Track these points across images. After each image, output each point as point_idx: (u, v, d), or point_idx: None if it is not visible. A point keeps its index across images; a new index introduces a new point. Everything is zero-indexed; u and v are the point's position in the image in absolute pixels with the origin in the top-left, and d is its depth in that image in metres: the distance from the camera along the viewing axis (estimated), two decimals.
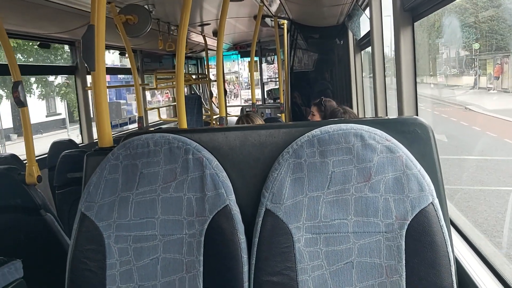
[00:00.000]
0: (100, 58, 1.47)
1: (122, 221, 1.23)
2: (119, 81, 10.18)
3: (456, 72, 3.74)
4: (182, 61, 2.26)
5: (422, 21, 2.07)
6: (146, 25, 3.80)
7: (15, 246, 2.33)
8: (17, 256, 2.09)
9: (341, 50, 5.70)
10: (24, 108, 2.45)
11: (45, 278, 2.21)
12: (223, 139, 1.29)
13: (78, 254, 1.23)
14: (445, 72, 4.10)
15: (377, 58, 2.84)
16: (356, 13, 4.47)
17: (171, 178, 1.23)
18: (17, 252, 2.17)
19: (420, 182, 1.12)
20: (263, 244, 1.17)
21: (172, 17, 4.97)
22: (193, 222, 1.21)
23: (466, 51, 3.15)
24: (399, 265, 1.11)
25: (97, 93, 1.49)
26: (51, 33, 4.18)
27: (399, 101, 2.12)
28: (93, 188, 1.26)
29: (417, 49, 2.05)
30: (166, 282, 1.22)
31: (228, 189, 1.22)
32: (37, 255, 2.30)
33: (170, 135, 1.27)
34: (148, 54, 6.84)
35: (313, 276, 1.15)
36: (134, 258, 1.23)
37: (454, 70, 3.80)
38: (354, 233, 1.15)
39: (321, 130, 1.18)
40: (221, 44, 3.26)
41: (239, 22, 5.83)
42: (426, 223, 1.11)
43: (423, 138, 1.20)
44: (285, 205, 1.16)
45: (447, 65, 4.02)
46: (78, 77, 4.84)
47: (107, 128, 1.52)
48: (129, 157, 1.26)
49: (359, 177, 1.14)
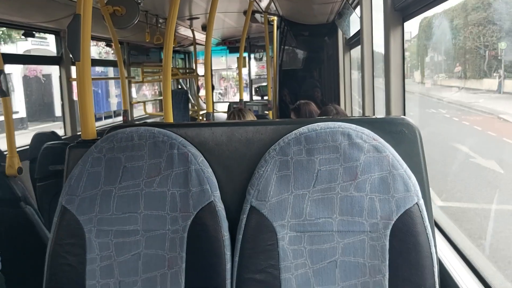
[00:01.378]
0: (86, 49, 1.44)
1: (103, 215, 1.21)
2: (96, 73, 9.90)
3: (475, 74, 3.50)
4: (169, 55, 2.23)
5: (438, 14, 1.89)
6: (133, 17, 3.75)
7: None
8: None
9: (330, 49, 5.71)
10: (6, 98, 2.40)
11: (24, 272, 2.17)
12: (209, 134, 1.28)
13: (57, 248, 1.21)
14: (463, 73, 3.79)
15: (366, 57, 2.84)
16: (346, 11, 4.48)
17: (155, 173, 1.21)
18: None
19: (406, 182, 1.12)
20: (247, 242, 1.16)
21: (161, 10, 4.93)
22: (176, 218, 1.19)
23: (487, 49, 2.95)
24: (382, 265, 1.11)
25: (81, 84, 1.46)
26: (36, 22, 4.11)
27: (387, 101, 2.13)
28: (74, 181, 1.23)
29: (431, 47, 2.01)
30: (147, 278, 1.20)
31: (213, 185, 1.21)
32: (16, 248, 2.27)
33: (155, 129, 1.25)
34: (135, 47, 6.76)
35: (296, 274, 1.14)
36: (115, 253, 1.21)
37: (473, 72, 3.54)
38: (339, 232, 1.14)
39: (309, 128, 1.17)
40: (209, 38, 3.24)
41: (229, 17, 5.80)
42: (410, 223, 1.11)
43: (410, 138, 1.20)
44: (270, 202, 1.15)
45: (467, 64, 3.70)
46: (62, 68, 4.77)
47: (91, 120, 1.49)
48: (112, 150, 1.23)
49: (345, 176, 1.14)
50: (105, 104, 12.28)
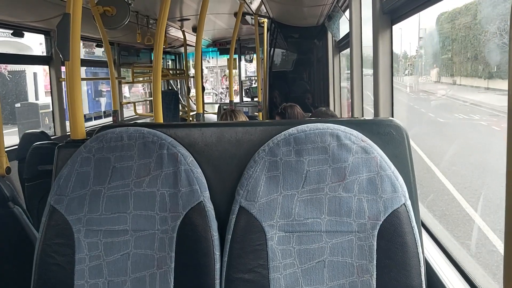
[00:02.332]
0: (75, 48, 1.44)
1: (92, 215, 1.21)
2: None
3: (498, 72, 3.27)
4: (160, 55, 2.23)
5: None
6: (124, 17, 3.75)
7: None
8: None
9: (320, 51, 5.73)
10: None
11: (12, 272, 2.16)
12: (199, 135, 1.28)
13: (46, 248, 1.20)
14: (486, 72, 3.42)
15: (355, 60, 2.87)
16: (336, 14, 4.51)
17: (144, 173, 1.21)
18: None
19: (393, 183, 1.14)
20: (236, 241, 1.16)
21: (151, 11, 4.92)
22: (165, 218, 1.20)
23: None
24: (370, 264, 1.12)
25: (71, 84, 1.46)
26: (26, 22, 4.07)
27: (375, 103, 2.15)
28: (63, 181, 1.23)
29: (452, 44, 1.97)
30: (136, 278, 1.20)
31: (203, 186, 1.21)
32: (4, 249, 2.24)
33: (144, 129, 1.25)
34: (125, 47, 6.73)
35: (285, 274, 1.15)
36: (104, 253, 1.21)
37: (495, 70, 3.30)
38: (327, 232, 1.15)
39: (298, 129, 1.18)
40: (200, 40, 3.25)
41: (219, 18, 5.80)
42: (397, 224, 1.12)
43: (398, 140, 1.22)
44: (259, 203, 1.16)
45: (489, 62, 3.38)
46: (52, 68, 4.73)
47: (80, 120, 1.48)
48: (101, 150, 1.23)
49: (333, 177, 1.15)
50: (94, 105, 11.99)
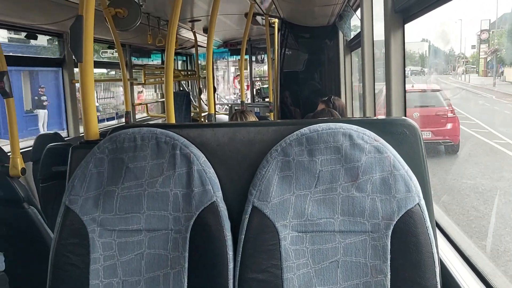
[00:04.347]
0: (88, 50, 1.45)
1: (106, 215, 1.22)
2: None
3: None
4: (171, 56, 2.24)
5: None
6: (136, 19, 3.77)
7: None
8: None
9: (331, 51, 5.71)
10: (10, 99, 2.42)
11: (27, 272, 2.19)
12: (211, 135, 1.28)
13: (61, 248, 1.22)
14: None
15: (367, 59, 2.85)
16: (347, 13, 4.49)
17: (157, 173, 1.22)
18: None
19: (407, 183, 1.13)
20: (249, 241, 1.16)
21: (163, 12, 4.94)
22: (179, 218, 1.20)
23: None
24: (384, 265, 1.12)
25: (84, 86, 1.47)
26: (39, 24, 4.13)
27: (387, 102, 2.13)
28: (77, 181, 1.24)
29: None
30: (150, 278, 1.21)
31: (215, 186, 1.21)
32: (19, 249, 2.28)
33: (157, 129, 1.26)
34: (137, 49, 6.78)
35: (298, 274, 1.15)
36: (118, 253, 1.22)
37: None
38: (340, 232, 1.15)
39: (310, 128, 1.18)
40: (211, 41, 3.25)
41: (230, 19, 5.81)
42: (412, 224, 1.11)
43: (411, 139, 1.21)
44: (272, 203, 1.16)
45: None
46: (65, 70, 4.79)
47: (94, 121, 1.49)
48: (115, 151, 1.24)
49: (346, 177, 1.14)
50: (28, 123, 10.70)
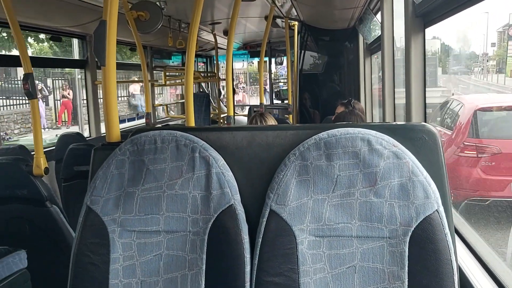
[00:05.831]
0: (111, 54, 1.48)
1: (127, 216, 1.24)
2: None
3: None
4: (192, 58, 2.26)
5: None
6: (157, 21, 3.82)
7: (20, 236, 2.36)
8: (22, 247, 2.11)
9: (351, 54, 5.68)
10: (34, 100, 2.48)
11: (48, 270, 2.23)
12: (230, 138, 1.30)
13: (82, 247, 1.24)
14: None
15: (387, 63, 2.83)
16: (367, 17, 4.46)
17: (177, 176, 1.24)
18: (21, 243, 2.19)
19: (426, 189, 1.12)
20: (266, 245, 1.17)
21: (183, 15, 4.99)
22: (197, 220, 1.22)
23: None
24: (401, 271, 1.11)
25: (107, 88, 1.50)
26: (63, 27, 4.22)
27: (407, 107, 2.12)
28: (99, 182, 1.26)
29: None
30: (168, 279, 1.22)
31: (234, 189, 1.22)
32: (41, 247, 2.32)
33: (177, 132, 1.27)
34: (157, 51, 6.86)
35: (315, 278, 1.15)
36: (138, 253, 1.23)
37: None
38: (358, 238, 1.15)
39: (328, 133, 1.18)
40: (231, 43, 3.27)
41: (250, 22, 5.83)
42: (430, 230, 1.10)
43: (431, 145, 1.19)
44: (289, 206, 1.16)
45: None
46: (88, 71, 4.88)
47: (115, 123, 1.52)
48: (136, 153, 1.26)
49: (364, 182, 1.14)
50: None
